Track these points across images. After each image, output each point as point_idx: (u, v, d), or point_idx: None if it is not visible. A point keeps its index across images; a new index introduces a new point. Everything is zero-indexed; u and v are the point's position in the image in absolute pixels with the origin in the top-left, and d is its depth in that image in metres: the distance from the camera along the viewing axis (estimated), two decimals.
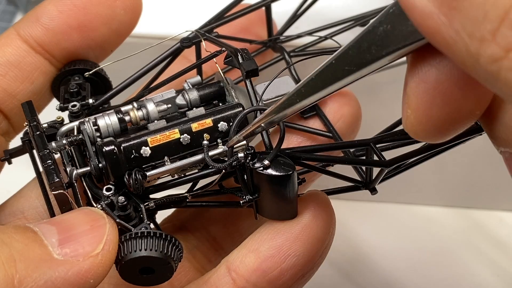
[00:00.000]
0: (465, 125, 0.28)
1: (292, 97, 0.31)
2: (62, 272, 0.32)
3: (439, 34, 0.23)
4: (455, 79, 0.26)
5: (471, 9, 0.22)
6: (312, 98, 0.30)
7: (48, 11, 0.43)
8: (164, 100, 0.40)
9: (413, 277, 0.60)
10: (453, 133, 0.28)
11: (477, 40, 0.22)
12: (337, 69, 0.29)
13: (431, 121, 0.27)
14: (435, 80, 0.27)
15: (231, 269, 0.38)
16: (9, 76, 0.42)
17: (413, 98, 0.27)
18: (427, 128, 0.28)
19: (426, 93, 0.27)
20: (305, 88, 0.30)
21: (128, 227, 0.36)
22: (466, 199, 0.64)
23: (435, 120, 0.27)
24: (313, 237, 0.37)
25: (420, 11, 0.24)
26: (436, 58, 0.26)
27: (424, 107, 0.27)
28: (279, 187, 0.36)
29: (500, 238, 0.62)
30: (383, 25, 0.27)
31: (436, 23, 0.23)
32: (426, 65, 0.27)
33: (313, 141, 0.44)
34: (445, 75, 0.26)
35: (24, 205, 0.43)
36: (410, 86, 0.27)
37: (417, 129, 0.28)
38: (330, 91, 0.29)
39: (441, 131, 0.28)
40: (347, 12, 0.52)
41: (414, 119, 0.28)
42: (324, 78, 0.29)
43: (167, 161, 0.37)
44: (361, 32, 0.27)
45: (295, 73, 0.46)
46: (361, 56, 0.28)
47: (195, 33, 0.43)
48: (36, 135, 0.38)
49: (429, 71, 0.27)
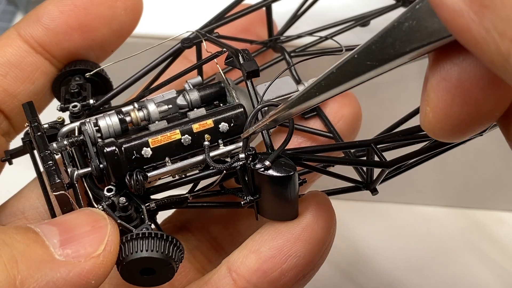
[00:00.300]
0: (483, 125, 0.28)
1: (311, 90, 0.31)
2: (63, 273, 0.32)
3: (468, 32, 0.23)
4: (477, 79, 0.26)
5: (503, 8, 0.22)
6: (332, 92, 0.30)
7: (48, 11, 0.43)
8: (165, 101, 0.40)
9: (413, 277, 0.60)
10: (470, 133, 0.28)
11: (509, 39, 0.22)
12: (359, 64, 0.28)
13: (450, 120, 0.27)
14: (457, 78, 0.26)
15: (232, 269, 0.38)
16: (9, 76, 0.42)
17: (433, 95, 0.27)
18: (445, 127, 0.28)
19: (447, 91, 0.27)
20: (325, 81, 0.30)
21: (129, 228, 0.36)
22: (466, 199, 0.64)
23: (454, 119, 0.27)
24: (314, 237, 0.37)
25: (450, 9, 0.23)
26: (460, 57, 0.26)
27: (444, 105, 0.27)
28: (280, 188, 0.36)
29: (500, 238, 0.62)
30: (408, 21, 0.26)
31: (466, 21, 0.23)
32: (449, 63, 0.26)
33: (314, 142, 0.44)
34: (468, 74, 0.26)
35: (25, 205, 0.43)
36: (431, 83, 0.27)
37: (435, 127, 0.28)
38: (350, 85, 0.29)
39: (459, 131, 0.28)
40: (348, 12, 0.52)
41: (433, 117, 0.28)
42: (345, 72, 0.29)
43: (168, 162, 0.37)
44: (386, 27, 0.27)
45: (295, 73, 0.46)
46: (385, 51, 0.27)
47: (196, 34, 0.43)
48: (37, 135, 0.38)
49: (452, 69, 0.26)
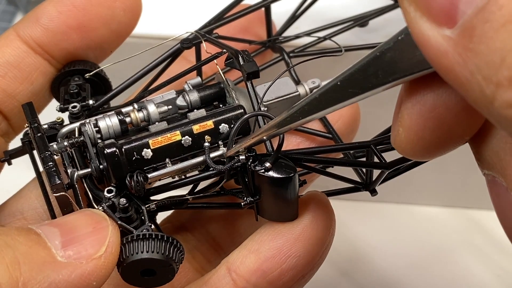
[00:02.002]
0: (453, 147, 0.29)
1: (294, 114, 0.31)
2: (65, 274, 0.32)
3: (452, 73, 0.23)
4: (451, 106, 0.26)
5: (488, 53, 0.21)
6: (314, 116, 0.31)
7: (47, 12, 0.43)
8: (164, 101, 0.40)
9: (413, 277, 0.60)
10: (439, 154, 0.29)
11: (493, 84, 0.22)
12: (342, 90, 0.29)
13: (421, 141, 0.28)
14: (432, 104, 0.27)
15: (232, 269, 0.38)
16: (8, 76, 0.42)
17: (407, 118, 0.28)
18: (416, 147, 0.28)
19: (421, 115, 0.27)
20: (308, 106, 0.31)
21: (130, 229, 0.36)
22: (466, 199, 0.64)
23: (425, 141, 0.28)
24: (313, 238, 0.37)
25: (434, 49, 0.23)
26: (437, 85, 0.27)
27: (416, 128, 0.27)
28: (280, 189, 0.36)
29: (500, 238, 0.62)
30: (391, 51, 0.27)
31: (450, 62, 0.23)
32: (425, 89, 0.27)
33: (312, 142, 0.45)
34: (443, 101, 0.27)
35: (24, 205, 0.43)
36: (406, 106, 0.28)
37: (406, 147, 0.28)
38: (332, 110, 0.30)
39: (428, 152, 0.28)
40: (347, 12, 0.52)
41: (405, 138, 0.28)
42: (328, 98, 0.30)
43: (168, 163, 0.37)
44: (369, 55, 0.27)
45: (294, 74, 0.46)
46: (367, 80, 0.28)
47: (195, 34, 0.43)
48: (37, 136, 0.38)
49: (428, 95, 0.27)
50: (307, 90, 0.44)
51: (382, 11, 0.52)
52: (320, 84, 0.44)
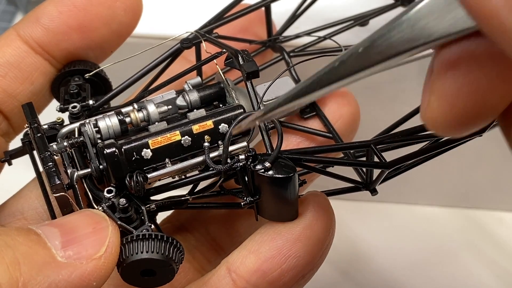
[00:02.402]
0: (485, 119, 0.27)
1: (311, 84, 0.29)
2: (65, 275, 0.32)
3: (496, 18, 0.22)
4: (487, 70, 0.26)
5: None
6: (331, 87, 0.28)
7: (48, 12, 0.43)
8: (164, 101, 0.40)
9: (413, 277, 0.60)
10: (472, 127, 0.27)
11: None
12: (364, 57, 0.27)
13: (454, 110, 0.27)
14: (466, 68, 0.26)
15: (232, 270, 0.38)
16: (9, 76, 0.42)
17: (439, 84, 0.27)
18: (448, 117, 0.27)
19: (454, 80, 0.26)
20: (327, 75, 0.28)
21: (130, 229, 0.36)
22: (466, 199, 0.64)
23: (459, 110, 0.27)
24: (313, 238, 0.37)
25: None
26: (473, 48, 0.26)
27: (450, 94, 0.26)
28: (280, 189, 0.36)
29: (500, 238, 0.62)
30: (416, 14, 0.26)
31: (494, 6, 0.22)
32: (459, 51, 0.26)
33: (312, 141, 0.44)
34: (478, 65, 0.26)
35: (24, 205, 0.43)
36: (438, 72, 0.27)
37: (437, 117, 0.27)
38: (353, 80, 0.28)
39: (461, 124, 0.27)
40: (347, 12, 0.52)
41: (437, 106, 0.27)
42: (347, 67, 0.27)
43: (168, 163, 0.37)
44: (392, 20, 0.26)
45: (294, 73, 0.46)
46: (391, 46, 0.26)
47: (195, 34, 0.43)
48: (37, 137, 0.38)
49: (462, 58, 0.26)
50: None
51: (383, 10, 0.52)
52: None
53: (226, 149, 0.37)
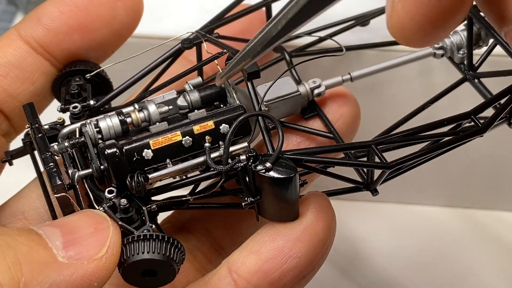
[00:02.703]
0: (453, 20, 0.26)
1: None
2: (67, 275, 0.32)
3: None
4: None
5: None
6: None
7: (49, 12, 0.43)
8: (165, 102, 0.40)
9: (413, 277, 0.60)
10: (440, 29, 0.26)
11: None
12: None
13: (420, 10, 0.25)
14: None
15: (232, 270, 0.38)
16: (10, 76, 0.42)
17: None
18: (414, 19, 0.26)
19: None
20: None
21: (131, 229, 0.36)
22: (466, 199, 0.64)
23: (425, 11, 0.25)
24: (314, 238, 0.37)
25: None
26: None
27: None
28: (281, 189, 0.36)
29: (500, 238, 0.62)
30: None
31: None
32: None
33: (313, 141, 0.45)
34: None
35: (25, 205, 0.43)
36: None
37: (404, 21, 0.26)
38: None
39: (428, 25, 0.26)
40: (348, 12, 0.52)
41: (402, 8, 0.26)
42: None
43: (169, 164, 0.37)
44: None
45: (295, 73, 0.46)
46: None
47: (196, 34, 0.43)
48: (38, 137, 0.38)
49: None
50: (308, 89, 0.44)
51: (383, 10, 0.51)
52: (321, 83, 0.44)
53: (227, 150, 0.37)
